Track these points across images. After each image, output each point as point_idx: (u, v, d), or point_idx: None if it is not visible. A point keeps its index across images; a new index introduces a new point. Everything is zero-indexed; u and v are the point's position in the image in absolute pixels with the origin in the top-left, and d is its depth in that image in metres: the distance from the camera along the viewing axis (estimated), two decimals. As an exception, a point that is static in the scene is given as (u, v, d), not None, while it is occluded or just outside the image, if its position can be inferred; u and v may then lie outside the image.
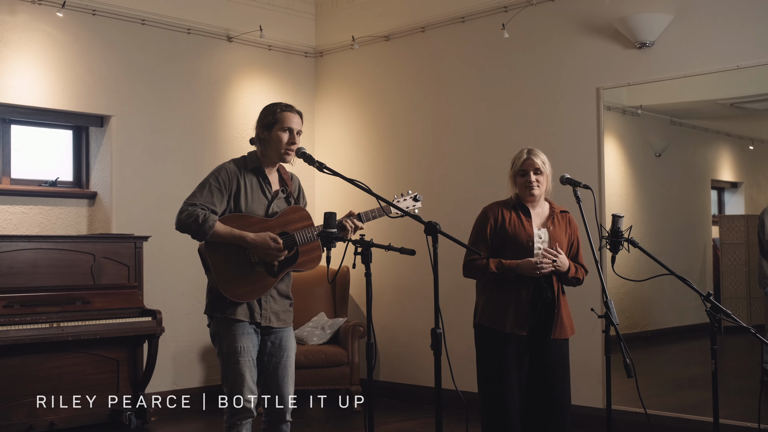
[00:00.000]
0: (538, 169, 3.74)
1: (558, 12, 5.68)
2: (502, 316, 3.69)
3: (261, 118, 3.57)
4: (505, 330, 3.68)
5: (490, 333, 3.73)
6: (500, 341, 3.69)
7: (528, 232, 3.72)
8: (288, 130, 3.50)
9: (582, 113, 5.55)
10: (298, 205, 3.63)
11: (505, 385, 3.67)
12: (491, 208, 3.83)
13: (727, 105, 5.65)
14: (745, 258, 5.68)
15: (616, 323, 3.38)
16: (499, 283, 3.72)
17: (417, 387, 6.42)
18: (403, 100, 6.64)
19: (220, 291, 3.39)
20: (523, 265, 3.64)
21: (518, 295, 3.68)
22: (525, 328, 3.67)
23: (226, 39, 6.64)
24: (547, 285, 3.69)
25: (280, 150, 3.50)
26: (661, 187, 6.09)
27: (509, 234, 3.72)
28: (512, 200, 3.84)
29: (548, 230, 3.77)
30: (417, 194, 3.75)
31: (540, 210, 3.83)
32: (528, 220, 3.76)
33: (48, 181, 5.90)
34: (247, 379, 3.42)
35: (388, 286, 6.51)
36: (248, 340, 3.45)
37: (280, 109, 3.53)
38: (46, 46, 5.70)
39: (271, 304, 3.50)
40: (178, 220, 3.41)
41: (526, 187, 3.74)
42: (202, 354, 6.38)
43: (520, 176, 3.75)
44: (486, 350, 3.77)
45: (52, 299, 5.23)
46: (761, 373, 5.25)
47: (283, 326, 3.55)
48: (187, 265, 6.23)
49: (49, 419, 5.22)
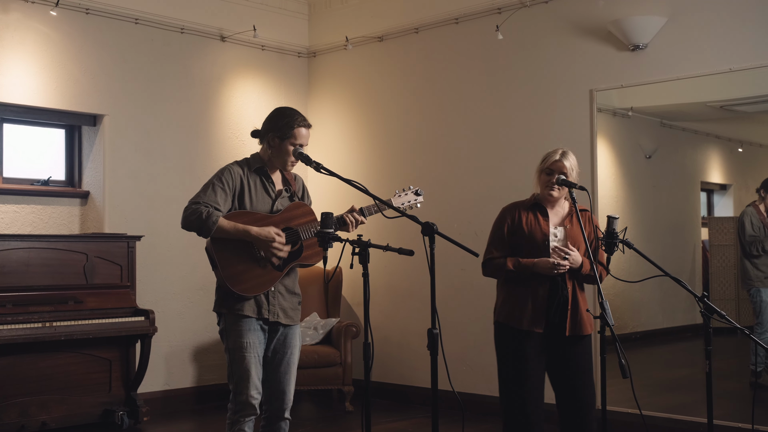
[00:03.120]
0: (565, 173, 3.76)
1: (552, 14, 5.71)
2: (519, 313, 3.72)
3: (275, 123, 3.58)
4: (523, 327, 3.70)
5: (509, 330, 3.76)
6: (518, 338, 3.72)
7: (544, 231, 3.74)
8: (298, 146, 3.56)
9: (575, 115, 5.57)
10: (301, 201, 3.67)
11: (524, 384, 3.69)
12: (509, 209, 3.87)
13: (717, 107, 5.69)
14: (734, 260, 5.73)
15: (611, 324, 3.41)
16: (516, 281, 3.75)
17: (409, 387, 6.44)
18: (396, 101, 6.65)
19: (227, 285, 3.43)
20: (540, 264, 3.65)
21: (535, 292, 3.70)
22: (542, 325, 3.70)
23: (220, 39, 6.63)
24: (563, 282, 3.70)
25: (286, 161, 3.59)
26: (651, 188, 6.13)
27: (525, 233, 3.75)
28: (530, 200, 3.86)
29: (565, 228, 3.78)
30: (418, 189, 3.78)
31: (559, 209, 3.84)
32: (545, 220, 3.78)
33: (40, 180, 5.87)
34: (253, 376, 3.46)
35: (380, 286, 6.51)
36: (255, 336, 3.48)
37: (297, 123, 3.56)
38: (39, 44, 5.68)
39: (279, 300, 3.54)
40: (183, 219, 3.46)
41: (547, 186, 3.75)
42: (195, 354, 6.37)
43: (546, 174, 3.76)
44: (505, 348, 3.79)
45: (44, 299, 5.21)
46: (751, 374, 5.30)
47: (290, 323, 3.59)
48: (180, 265, 6.24)
49: (41, 419, 5.21)
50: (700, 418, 4.81)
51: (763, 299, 5.38)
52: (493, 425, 5.55)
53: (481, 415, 5.75)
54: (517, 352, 3.72)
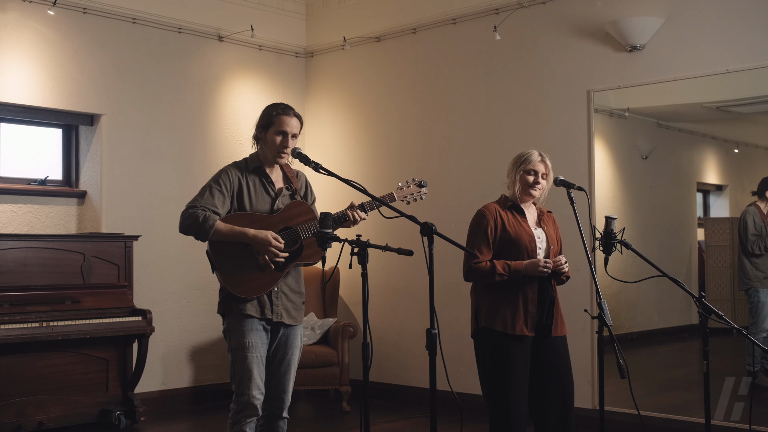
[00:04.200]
0: (546, 174, 3.77)
1: (549, 15, 5.71)
2: (511, 318, 3.65)
3: (260, 118, 3.63)
4: (515, 332, 3.64)
5: (497, 336, 3.67)
6: (507, 344, 3.66)
7: (529, 233, 3.74)
8: (282, 134, 3.54)
9: (572, 115, 5.58)
10: (300, 200, 3.65)
11: (511, 390, 3.65)
12: (488, 210, 3.79)
13: (713, 108, 5.70)
14: (729, 260, 5.75)
15: (609, 324, 3.42)
16: (504, 285, 3.67)
17: (405, 387, 6.44)
18: (393, 101, 6.66)
19: (228, 288, 3.45)
20: (530, 266, 3.64)
21: (525, 295, 3.67)
22: (533, 328, 3.68)
23: (217, 38, 6.63)
24: (548, 283, 3.70)
25: (275, 152, 3.56)
26: (647, 189, 6.14)
27: (512, 235, 3.71)
28: (506, 200, 3.83)
29: (543, 230, 3.80)
30: (422, 180, 3.75)
31: (531, 210, 3.85)
32: (524, 221, 3.78)
33: (37, 180, 5.86)
34: (255, 376, 3.45)
35: (377, 286, 6.51)
36: (257, 336, 3.48)
37: (276, 111, 3.57)
38: (36, 44, 5.67)
39: (282, 300, 3.54)
40: (180, 223, 3.46)
41: (530, 185, 3.74)
42: (192, 354, 6.37)
43: (528, 174, 3.75)
44: (493, 355, 3.69)
45: (41, 298, 5.20)
46: (746, 374, 5.31)
47: (293, 323, 3.59)
48: (177, 265, 6.23)
49: (38, 419, 5.20)
50: (698, 419, 4.82)
51: (761, 299, 5.39)
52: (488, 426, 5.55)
53: (477, 416, 5.73)
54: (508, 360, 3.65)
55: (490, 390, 3.71)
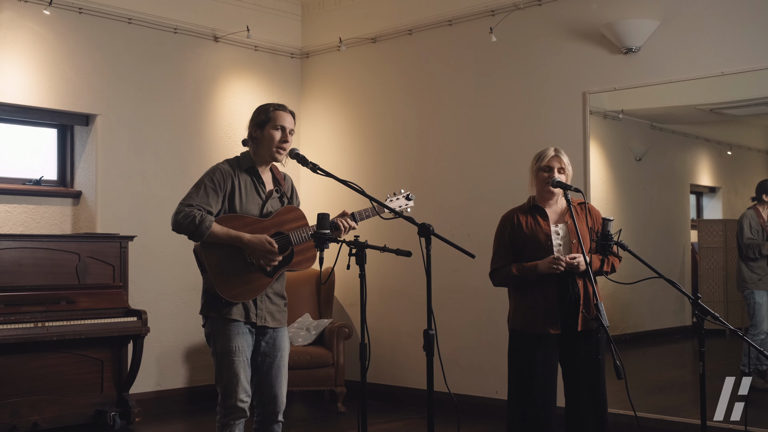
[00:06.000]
0: (563, 168, 3.78)
1: (545, 16, 5.73)
2: (531, 318, 3.72)
3: (254, 117, 3.58)
4: (536, 332, 3.69)
5: (522, 337, 3.76)
6: (529, 344, 3.72)
7: (545, 231, 3.75)
8: (280, 129, 3.52)
9: (568, 117, 5.60)
10: (293, 205, 3.64)
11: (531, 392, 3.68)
12: (507, 216, 3.89)
13: (707, 110, 5.72)
14: (722, 262, 5.77)
15: (606, 325, 3.43)
16: (524, 286, 3.75)
17: (401, 388, 6.44)
18: (389, 103, 6.66)
19: (216, 291, 3.40)
20: (543, 264, 3.66)
21: (544, 294, 3.70)
22: (557, 326, 3.69)
23: (213, 39, 6.62)
24: (572, 281, 3.69)
25: (272, 148, 3.51)
26: (641, 191, 6.15)
27: (527, 236, 3.76)
28: (527, 204, 3.88)
29: (566, 224, 3.79)
30: (409, 193, 3.76)
31: (557, 207, 3.86)
32: (545, 221, 3.79)
33: (32, 180, 5.85)
34: (242, 379, 3.43)
35: (372, 287, 6.42)
36: (243, 339, 3.45)
37: (272, 108, 3.56)
38: (32, 43, 5.65)
39: (266, 303, 3.52)
40: (174, 221, 3.40)
41: (546, 182, 3.76)
42: (187, 354, 6.36)
43: (544, 171, 3.77)
44: (515, 355, 3.80)
45: (36, 299, 5.19)
46: (741, 375, 5.33)
47: (278, 326, 3.57)
48: (173, 265, 6.23)
49: (33, 419, 5.18)
50: (693, 420, 4.84)
51: (757, 301, 5.42)
52: (485, 426, 5.57)
53: (474, 416, 5.77)
54: (528, 360, 3.70)
55: (509, 390, 3.79)
